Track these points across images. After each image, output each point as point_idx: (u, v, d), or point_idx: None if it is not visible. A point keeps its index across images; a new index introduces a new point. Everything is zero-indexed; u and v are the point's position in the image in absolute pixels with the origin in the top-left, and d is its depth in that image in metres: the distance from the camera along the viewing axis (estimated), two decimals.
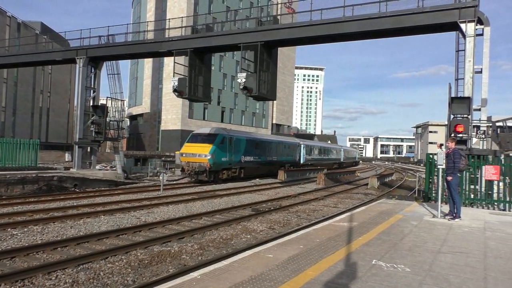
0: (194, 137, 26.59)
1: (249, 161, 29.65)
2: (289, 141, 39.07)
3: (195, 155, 25.16)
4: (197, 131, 27.95)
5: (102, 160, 38.72)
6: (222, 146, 25.92)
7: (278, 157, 34.93)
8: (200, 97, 22.37)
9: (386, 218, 10.27)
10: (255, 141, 30.94)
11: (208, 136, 26.02)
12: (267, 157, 32.77)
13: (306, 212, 15.70)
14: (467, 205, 12.92)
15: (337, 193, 23.17)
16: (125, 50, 25.03)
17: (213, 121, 62.17)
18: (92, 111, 26.46)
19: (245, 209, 15.71)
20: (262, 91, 19.71)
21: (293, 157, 38.91)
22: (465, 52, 15.34)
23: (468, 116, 14.40)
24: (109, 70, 27.57)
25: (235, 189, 23.34)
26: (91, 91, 27.10)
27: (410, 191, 26.04)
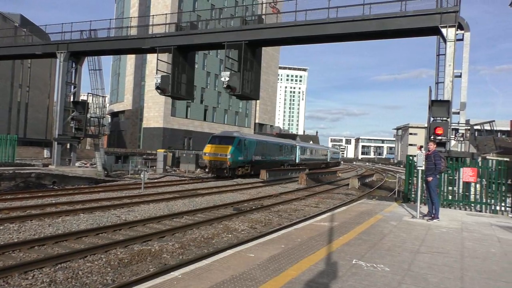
0: (214, 139, 30.90)
1: (258, 160, 34.03)
2: (287, 143, 43.98)
3: (217, 155, 29.43)
4: (216, 134, 33.03)
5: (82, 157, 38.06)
6: (238, 147, 30.25)
7: (279, 157, 39.68)
8: (183, 95, 22.21)
9: (367, 218, 10.39)
10: (262, 143, 35.33)
11: (227, 138, 30.36)
12: (271, 157, 37.30)
13: (288, 211, 15.76)
14: (445, 206, 13.19)
15: (318, 193, 23.33)
16: (108, 45, 24.65)
17: (196, 120, 61.88)
18: (72, 107, 25.96)
19: (227, 208, 15.68)
20: (246, 90, 19.69)
21: (290, 157, 43.47)
22: (446, 57, 15.66)
23: (447, 119, 14.70)
24: (90, 66, 27.09)
25: (217, 188, 23.27)
26: (71, 86, 26.59)
27: (390, 192, 26.43)
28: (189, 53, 22.49)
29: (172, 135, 57.70)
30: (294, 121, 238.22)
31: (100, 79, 27.13)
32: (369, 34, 18.51)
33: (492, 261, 6.51)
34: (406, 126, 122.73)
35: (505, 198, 12.59)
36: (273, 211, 15.66)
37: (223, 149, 29.55)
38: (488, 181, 12.72)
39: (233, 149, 29.54)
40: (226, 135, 31.27)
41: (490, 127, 15.51)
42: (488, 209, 12.65)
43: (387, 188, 30.18)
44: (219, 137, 31.07)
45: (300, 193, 22.83)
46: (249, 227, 12.23)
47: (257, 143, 33.96)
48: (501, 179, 12.45)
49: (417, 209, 10.81)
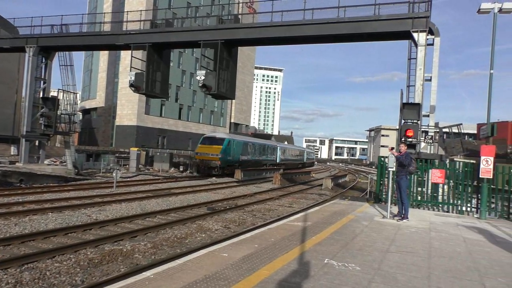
0: (205, 140, 33.30)
1: (244, 160, 36.39)
2: (270, 144, 47.29)
3: (208, 154, 31.64)
4: (207, 135, 35.48)
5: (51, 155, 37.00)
6: (228, 148, 32.60)
7: (262, 157, 42.35)
8: (157, 93, 21.94)
9: (339, 218, 10.55)
10: (248, 144, 37.75)
11: (218, 139, 32.78)
12: (256, 157, 39.99)
13: (262, 211, 15.82)
14: (415, 206, 13.55)
15: (292, 193, 23.52)
16: (80, 41, 24.06)
17: (171, 118, 61.20)
18: (41, 103, 25.21)
19: (201, 208, 15.61)
20: (221, 89, 19.65)
21: (272, 157, 46.42)
22: (417, 61, 16.09)
23: (417, 122, 15.10)
24: (61, 61, 26.37)
25: (191, 187, 23.13)
26: (41, 82, 25.81)
27: (362, 192, 26.92)
28: (164, 51, 22.24)
29: (146, 134, 56.88)
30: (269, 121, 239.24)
31: (72, 75, 26.47)
32: (343, 37, 18.81)
33: (458, 260, 6.74)
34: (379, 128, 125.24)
35: (470, 199, 13.04)
36: (247, 210, 15.69)
37: (214, 149, 31.85)
38: (455, 182, 13.14)
39: (223, 150, 31.82)
40: (217, 136, 33.61)
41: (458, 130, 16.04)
42: (455, 209, 13.06)
43: (359, 189, 30.73)
44: (210, 138, 33.34)
45: (274, 193, 22.95)
46: (223, 226, 12.21)
47: (244, 144, 36.43)
48: (467, 181, 12.88)
49: (388, 209, 11.06)
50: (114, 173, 20.20)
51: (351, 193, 26.52)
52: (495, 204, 12.71)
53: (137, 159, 33.50)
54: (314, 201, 20.43)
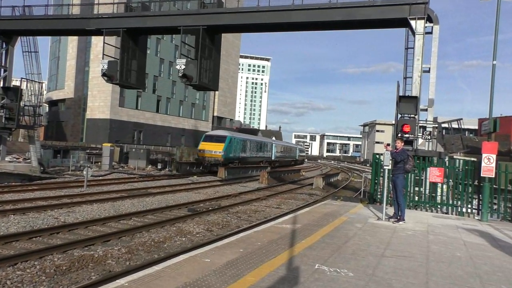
0: (208, 137, 37.33)
1: (243, 156, 40.64)
2: (266, 141, 52.39)
3: (211, 151, 35.27)
4: (209, 132, 40.31)
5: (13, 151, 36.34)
6: (230, 145, 36.54)
7: (259, 154, 46.74)
8: (133, 84, 21.71)
9: (331, 220, 10.62)
10: (247, 141, 42.26)
11: (220, 137, 36.90)
12: (253, 154, 44.47)
13: (247, 213, 15.84)
14: (411, 207, 13.72)
15: (280, 193, 23.61)
16: (45, 25, 23.60)
17: (147, 111, 60.72)
18: (2, 93, 24.69)
19: (181, 209, 15.58)
20: (203, 80, 19.54)
21: (268, 154, 50.66)
22: (414, 50, 16.24)
23: (415, 116, 15.26)
24: (24, 47, 25.84)
25: (170, 186, 23.04)
26: (1, 70, 25.28)
27: (355, 192, 27.16)
28: (140, 37, 22.00)
29: (120, 128, 56.33)
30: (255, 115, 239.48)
31: (36, 62, 25.97)
32: (335, 24, 18.85)
33: (458, 266, 6.84)
34: (373, 122, 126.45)
35: (471, 199, 13.23)
36: (231, 212, 15.69)
37: (217, 147, 35.54)
38: (455, 181, 13.32)
39: (225, 147, 35.60)
40: (219, 134, 38.20)
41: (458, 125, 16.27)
42: (454, 211, 13.25)
43: (352, 188, 31.00)
44: (212, 136, 37.72)
45: (261, 193, 23.01)
46: (205, 229, 12.19)
47: (243, 142, 40.88)
48: (468, 180, 13.05)
49: (383, 210, 11.17)
50: (84, 171, 19.97)
51: (343, 193, 26.73)
52: (497, 205, 12.92)
53: (110, 155, 33.18)
54: (304, 201, 20.54)
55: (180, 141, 66.81)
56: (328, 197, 21.97)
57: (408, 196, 13.64)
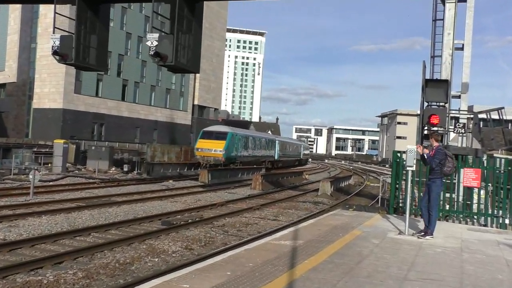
0: (206, 134, 40.38)
1: (245, 156, 43.94)
2: (268, 137, 56.94)
3: (211, 150, 38.25)
4: (208, 128, 43.33)
5: None
6: (231, 142, 39.67)
7: (261, 153, 50.16)
8: (92, 64, 21.49)
9: (341, 234, 10.63)
10: (249, 138, 45.50)
11: (220, 133, 39.81)
12: (256, 153, 48.07)
13: (237, 226, 15.84)
14: (441, 218, 13.77)
15: (278, 201, 23.63)
16: None
17: (110, 99, 60.42)
18: None
19: (153, 221, 15.55)
20: (181, 59, 19.43)
21: (270, 153, 53.94)
22: (444, 22, 16.31)
23: (445, 105, 15.34)
24: None
25: (140, 194, 22.98)
26: None
27: (371, 199, 27.24)
28: (101, 6, 21.83)
29: (76, 120, 56.05)
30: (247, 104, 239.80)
31: None
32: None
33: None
34: (394, 113, 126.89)
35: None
36: (216, 226, 15.68)
37: (217, 145, 38.40)
38: (495, 186, 13.36)
39: (227, 145, 38.61)
40: (219, 130, 40.88)
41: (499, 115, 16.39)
42: (494, 222, 13.31)
43: (368, 195, 31.09)
44: (211, 132, 40.27)
45: (253, 201, 23.02)
46: (184, 247, 12.18)
47: (245, 138, 44.09)
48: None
49: (406, 222, 11.20)
50: (30, 175, 19.82)
51: (357, 200, 26.78)
52: None
53: (63, 155, 33.00)
54: (308, 212, 20.57)
55: (152, 136, 66.71)
56: (338, 206, 22.00)
57: None
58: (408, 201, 11.41)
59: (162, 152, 39.55)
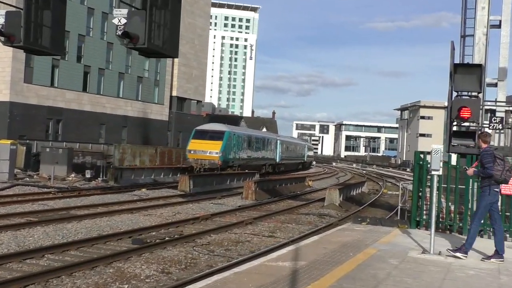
0: (200, 134, 42.94)
1: (244, 158, 46.78)
2: (269, 136, 59.33)
3: (206, 152, 40.40)
4: (202, 127, 46.16)
5: None
6: (229, 143, 42.07)
7: (261, 155, 53.02)
8: (45, 47, 21.45)
9: (352, 254, 10.62)
10: (249, 138, 48.67)
11: (216, 132, 42.26)
12: (256, 155, 50.99)
13: (224, 245, 15.80)
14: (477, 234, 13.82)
15: (275, 214, 23.60)
16: None
17: (69, 90, 60.05)
18: None
19: (122, 240, 15.48)
20: (155, 41, 19.40)
21: (271, 155, 56.90)
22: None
23: (478, 95, 15.36)
24: None
25: (105, 206, 22.88)
26: None
27: (389, 211, 27.27)
28: None
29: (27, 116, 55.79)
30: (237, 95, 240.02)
31: None
32: None
33: None
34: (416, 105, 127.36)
35: None
36: (200, 244, 15.63)
37: (213, 146, 40.58)
38: None
39: (224, 146, 40.75)
40: (215, 129, 43.37)
41: None
42: None
43: (384, 205, 31.11)
44: (205, 132, 42.73)
45: (245, 214, 23.01)
46: (160, 271, 12.13)
47: (245, 138, 46.99)
48: None
49: (431, 238, 11.20)
50: None
51: (371, 212, 26.83)
52: None
53: (11, 159, 32.82)
54: (311, 226, 20.56)
55: (121, 135, 66.50)
56: (348, 219, 22.00)
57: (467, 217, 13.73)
58: (434, 212, 11.40)
59: (133, 154, 39.58)
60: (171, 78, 78.57)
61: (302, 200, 30.84)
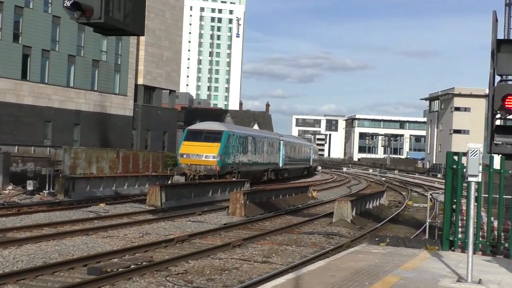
0: (193, 134, 45.69)
1: (244, 163, 50.06)
2: (271, 136, 62.79)
3: (201, 156, 43.12)
4: (195, 126, 49.44)
5: None
6: (228, 145, 44.76)
7: (263, 159, 56.67)
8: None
9: (367, 283, 10.67)
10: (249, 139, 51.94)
11: (213, 133, 45.02)
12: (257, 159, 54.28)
13: (206, 273, 15.79)
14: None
15: (270, 234, 23.65)
16: None
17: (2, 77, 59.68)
18: None
19: (74, 269, 15.43)
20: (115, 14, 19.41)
21: (274, 158, 60.49)
22: None
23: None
24: None
25: (53, 226, 22.82)
26: None
27: (415, 228, 27.34)
28: None
29: None
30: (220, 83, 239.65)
31: None
32: None
33: None
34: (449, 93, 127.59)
35: None
36: (174, 273, 15.62)
37: (209, 149, 43.03)
38: None
39: (222, 148, 43.24)
40: (211, 129, 45.78)
41: None
42: None
43: (409, 221, 31.19)
44: (200, 132, 45.39)
45: (232, 234, 23.07)
46: None
47: (245, 140, 49.94)
48: None
49: (469, 262, 11.24)
50: None
51: (392, 230, 26.93)
52: None
53: None
54: (317, 249, 20.56)
55: (72, 135, 66.31)
56: (363, 238, 22.04)
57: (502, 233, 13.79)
58: (472, 230, 11.45)
59: (88, 159, 39.50)
60: (136, 62, 78.43)
61: (304, 216, 30.87)
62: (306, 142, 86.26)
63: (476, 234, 12.12)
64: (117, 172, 41.28)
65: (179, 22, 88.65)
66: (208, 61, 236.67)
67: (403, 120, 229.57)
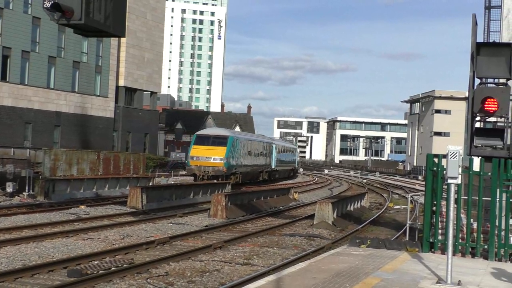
0: (201, 139, 51.28)
1: (246, 165, 55.16)
2: (265, 140, 68.20)
3: (210, 159, 48.26)
4: (203, 132, 56.38)
5: None
6: (233, 149, 49.97)
7: (259, 161, 61.82)
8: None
9: (348, 285, 10.69)
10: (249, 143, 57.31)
11: (219, 138, 50.38)
12: (255, 161, 59.64)
13: (187, 276, 15.79)
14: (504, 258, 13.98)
15: (251, 235, 23.68)
16: None
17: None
18: None
19: (54, 271, 15.38)
20: (95, 15, 19.35)
21: (267, 161, 65.68)
22: None
23: (507, 82, 15.51)
24: None
25: (32, 228, 22.75)
26: None
27: (396, 230, 27.44)
28: None
29: None
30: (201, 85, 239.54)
31: None
32: None
33: None
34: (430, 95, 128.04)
35: None
36: (155, 275, 15.61)
37: (216, 152, 48.13)
38: None
39: (228, 152, 48.27)
40: (218, 134, 51.49)
41: None
42: None
43: (390, 223, 31.29)
44: (207, 137, 50.75)
45: (214, 236, 23.09)
46: None
47: (245, 144, 55.06)
48: None
49: (449, 264, 11.28)
50: None
51: (373, 231, 27.05)
52: None
53: None
54: (298, 250, 20.61)
55: (52, 137, 66.05)
56: (344, 240, 22.10)
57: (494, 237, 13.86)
58: (451, 232, 11.51)
59: (68, 161, 39.26)
60: (117, 64, 78.27)
61: (285, 218, 30.91)
62: (293, 146, 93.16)
63: (456, 236, 12.18)
64: (98, 174, 41.06)
65: (160, 24, 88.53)
66: (189, 63, 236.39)
67: (384, 122, 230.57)
